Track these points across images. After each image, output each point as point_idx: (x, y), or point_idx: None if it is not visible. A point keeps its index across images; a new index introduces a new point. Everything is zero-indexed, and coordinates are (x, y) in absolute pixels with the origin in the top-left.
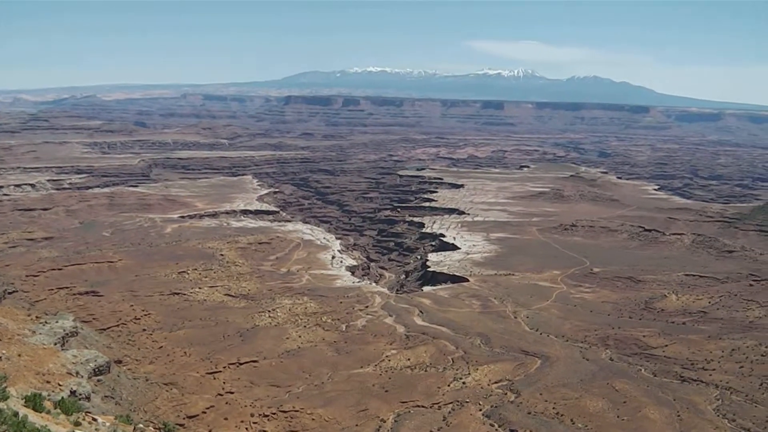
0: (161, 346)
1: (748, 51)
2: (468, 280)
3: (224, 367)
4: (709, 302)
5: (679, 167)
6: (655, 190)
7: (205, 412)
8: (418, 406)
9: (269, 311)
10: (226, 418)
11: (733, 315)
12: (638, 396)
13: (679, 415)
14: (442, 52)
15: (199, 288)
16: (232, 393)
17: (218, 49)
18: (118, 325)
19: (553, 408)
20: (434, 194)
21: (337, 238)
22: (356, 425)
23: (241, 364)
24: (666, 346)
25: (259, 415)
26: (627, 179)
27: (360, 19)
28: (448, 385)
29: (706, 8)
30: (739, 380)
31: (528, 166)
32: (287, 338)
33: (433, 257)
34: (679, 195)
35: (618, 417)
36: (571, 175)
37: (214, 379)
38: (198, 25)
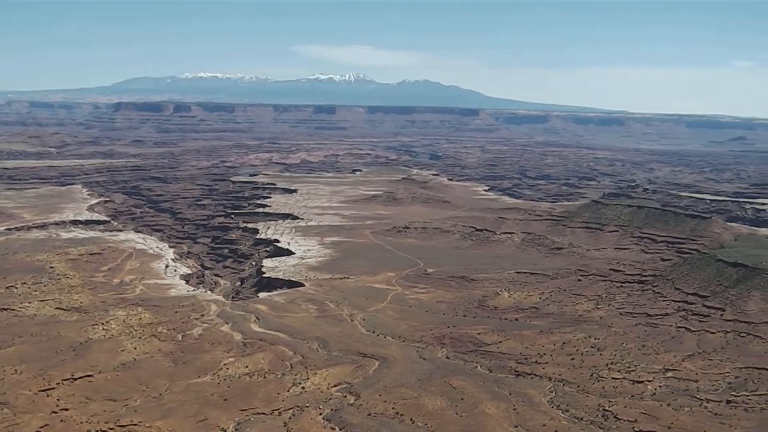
0: None
1: (572, 55)
2: (304, 285)
3: (58, 384)
4: (540, 298)
5: (508, 168)
6: (485, 190)
7: (39, 431)
8: (259, 413)
9: (103, 323)
10: None
11: (563, 309)
12: (475, 392)
13: (515, 409)
14: (273, 58)
15: (29, 302)
16: (67, 410)
17: (44, 54)
18: None
19: (393, 408)
20: (268, 200)
21: (170, 247)
22: None
23: (75, 379)
24: (500, 342)
25: (96, 431)
26: (458, 181)
27: (189, 25)
28: (288, 391)
29: (529, 13)
30: (570, 372)
31: (360, 170)
32: (122, 350)
33: (268, 263)
34: (508, 195)
35: (456, 414)
36: (404, 178)
37: (48, 396)
38: (22, 27)
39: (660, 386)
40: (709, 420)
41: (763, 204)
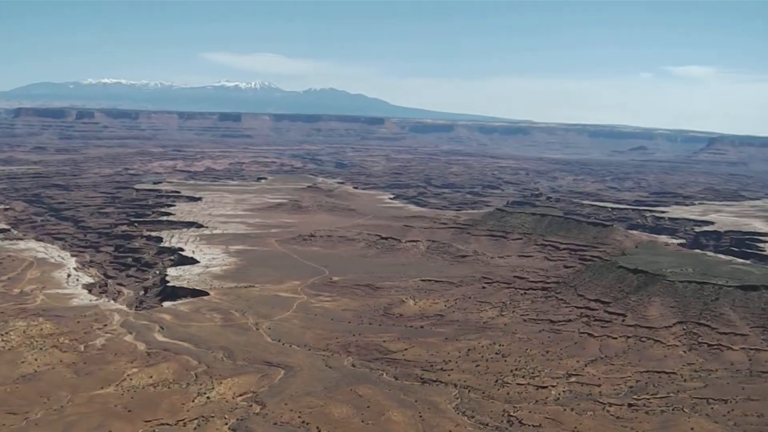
0: None
1: (478, 64)
2: (209, 294)
3: None
4: (446, 305)
5: (413, 176)
6: (390, 199)
7: None
8: (163, 424)
9: (2, 335)
10: None
11: (468, 317)
12: (381, 400)
13: (421, 416)
14: (178, 64)
15: None
16: None
17: None
18: None
19: (299, 417)
20: (172, 208)
21: (72, 256)
22: None
23: None
24: (406, 349)
25: None
26: (364, 189)
27: (92, 30)
28: (193, 401)
29: (434, 23)
30: (476, 378)
31: (266, 178)
32: (23, 362)
33: (172, 272)
34: (414, 203)
35: (363, 422)
36: (309, 186)
37: None
38: None
39: (563, 391)
40: (612, 423)
41: (663, 212)
